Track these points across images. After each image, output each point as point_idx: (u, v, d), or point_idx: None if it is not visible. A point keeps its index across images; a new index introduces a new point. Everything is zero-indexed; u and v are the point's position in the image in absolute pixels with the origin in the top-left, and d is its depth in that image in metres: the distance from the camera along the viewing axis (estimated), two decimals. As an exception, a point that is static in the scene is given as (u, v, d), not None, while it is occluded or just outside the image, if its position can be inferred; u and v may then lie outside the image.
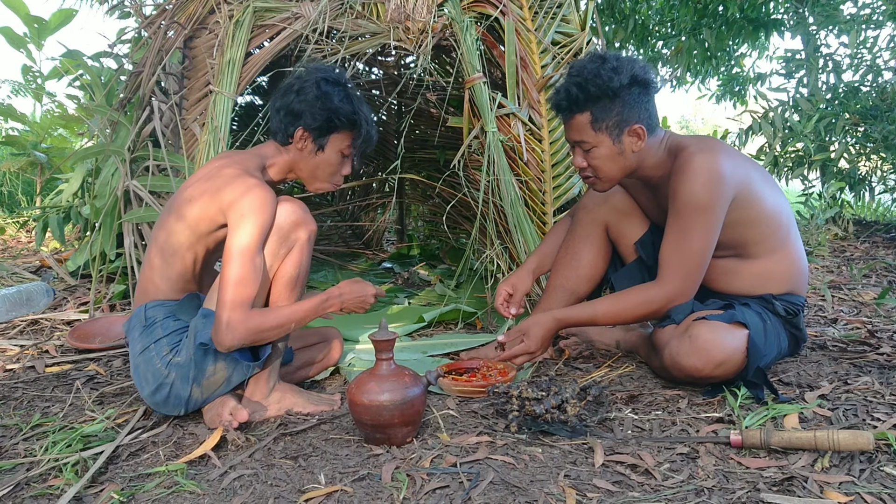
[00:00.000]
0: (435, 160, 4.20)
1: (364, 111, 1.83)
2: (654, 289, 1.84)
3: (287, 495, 1.31)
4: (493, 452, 1.47)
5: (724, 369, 1.72)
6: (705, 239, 1.77)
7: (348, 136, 1.83)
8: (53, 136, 5.21)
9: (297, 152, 1.81)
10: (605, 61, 1.79)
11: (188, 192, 1.69)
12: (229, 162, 1.71)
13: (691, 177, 1.74)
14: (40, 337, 2.55)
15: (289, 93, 1.78)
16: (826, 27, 6.00)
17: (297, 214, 1.67)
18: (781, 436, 1.42)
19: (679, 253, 1.79)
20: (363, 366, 2.11)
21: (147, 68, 2.79)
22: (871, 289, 3.11)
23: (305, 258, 1.70)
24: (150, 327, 1.67)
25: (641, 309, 1.85)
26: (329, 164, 1.84)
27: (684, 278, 1.80)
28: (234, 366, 1.64)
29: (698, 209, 1.74)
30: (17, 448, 1.57)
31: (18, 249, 4.30)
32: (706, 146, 1.78)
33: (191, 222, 1.67)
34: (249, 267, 1.57)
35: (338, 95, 1.77)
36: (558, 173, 2.75)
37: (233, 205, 1.60)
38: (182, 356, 1.63)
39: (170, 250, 1.69)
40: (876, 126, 4.65)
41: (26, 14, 5.16)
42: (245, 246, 1.57)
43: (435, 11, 2.71)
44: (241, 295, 1.55)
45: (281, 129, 1.80)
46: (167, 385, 1.63)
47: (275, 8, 2.71)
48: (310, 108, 1.75)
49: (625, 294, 1.89)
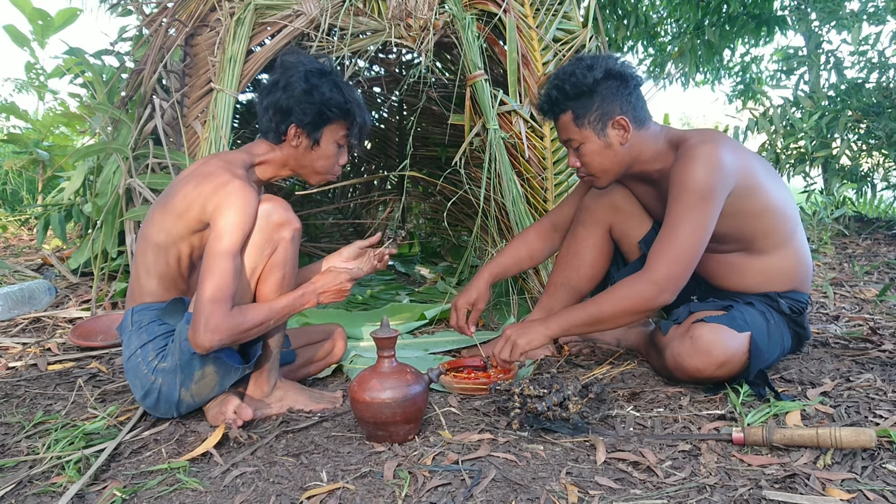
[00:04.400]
0: (436, 157, 4.20)
1: (355, 98, 1.78)
2: (640, 280, 1.73)
3: (289, 493, 1.31)
4: (495, 450, 1.47)
5: (726, 370, 1.72)
6: (699, 225, 1.71)
7: (342, 126, 1.79)
8: (55, 134, 5.22)
9: (291, 149, 1.77)
10: (581, 60, 1.84)
11: (172, 190, 1.67)
12: (214, 161, 1.67)
13: (690, 162, 1.72)
14: (42, 335, 2.56)
15: (275, 90, 1.72)
16: (828, 23, 5.98)
17: (279, 213, 1.63)
18: (783, 433, 1.42)
19: (668, 239, 1.72)
20: (365, 363, 2.12)
21: (148, 66, 2.79)
22: (872, 286, 3.11)
23: (291, 257, 1.67)
24: (136, 331, 1.65)
25: (628, 302, 1.74)
26: (326, 156, 1.80)
27: (671, 263, 1.70)
28: (224, 369, 1.61)
29: (695, 194, 1.70)
30: (20, 446, 1.57)
31: (20, 247, 4.30)
32: (708, 137, 1.78)
33: (173, 220, 1.64)
34: (228, 266, 1.53)
35: (326, 86, 1.72)
36: (560, 170, 2.74)
37: (214, 204, 1.58)
38: (168, 362, 1.60)
39: (155, 249, 1.66)
40: (878, 123, 4.64)
41: (31, 9, 5.16)
42: (224, 246, 1.54)
43: (436, 8, 2.71)
44: (219, 295, 1.51)
45: (272, 128, 1.75)
46: (155, 391, 1.61)
47: (276, 5, 2.71)
48: (299, 104, 1.70)
49: (610, 291, 1.79)
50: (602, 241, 2.12)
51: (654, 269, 1.72)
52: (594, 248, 2.12)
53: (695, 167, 1.71)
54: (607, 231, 2.12)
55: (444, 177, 3.11)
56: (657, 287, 1.71)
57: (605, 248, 2.13)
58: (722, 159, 1.72)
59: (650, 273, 1.72)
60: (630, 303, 1.74)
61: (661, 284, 1.70)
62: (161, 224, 1.65)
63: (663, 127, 1.90)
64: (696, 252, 1.72)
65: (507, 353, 1.82)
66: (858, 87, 5.06)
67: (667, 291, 1.71)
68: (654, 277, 1.71)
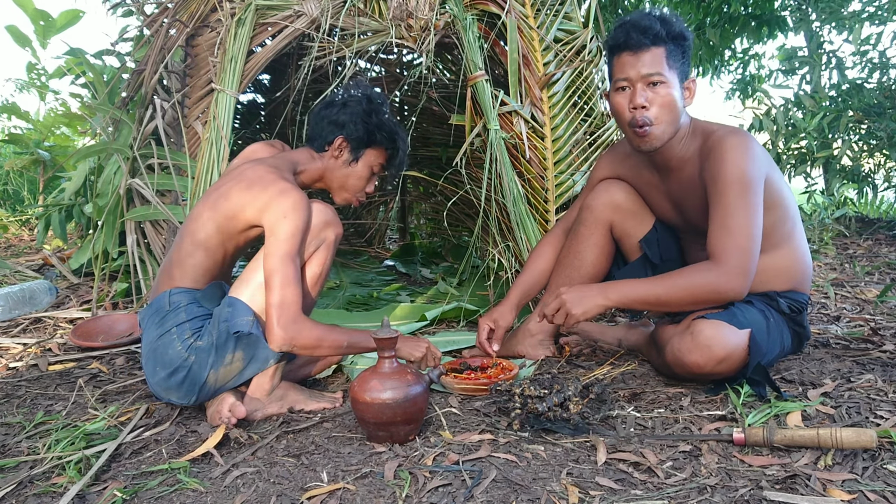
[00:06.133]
0: (437, 158, 4.20)
1: (402, 135, 1.96)
2: (713, 270, 1.68)
3: (289, 493, 1.31)
4: (496, 450, 1.47)
5: (725, 366, 1.71)
6: (753, 214, 1.67)
7: (382, 154, 1.95)
8: (56, 135, 5.23)
9: (331, 160, 1.92)
10: (667, 13, 1.79)
11: (221, 191, 1.74)
12: (263, 166, 1.76)
13: (727, 154, 1.70)
14: (43, 335, 2.56)
15: (334, 104, 1.91)
16: (829, 23, 5.98)
17: (327, 215, 1.73)
18: (784, 433, 1.42)
19: (728, 231, 1.67)
20: (366, 363, 2.11)
21: (149, 66, 2.79)
22: (873, 286, 3.11)
23: (329, 258, 1.76)
24: (173, 311, 1.69)
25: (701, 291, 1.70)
26: (359, 177, 1.94)
27: (740, 255, 1.66)
28: (251, 357, 1.66)
29: (742, 184, 1.68)
30: (21, 446, 1.57)
31: (21, 247, 4.31)
32: (735, 131, 1.77)
33: (222, 221, 1.72)
34: (291, 270, 1.62)
35: (382, 114, 1.92)
36: (560, 171, 2.74)
37: (270, 207, 1.65)
38: (204, 340, 1.65)
39: (202, 244, 1.73)
40: (879, 123, 4.64)
41: (33, 10, 5.17)
42: (287, 249, 1.63)
43: (437, 9, 2.71)
44: (289, 299, 1.60)
45: (321, 137, 1.91)
46: (185, 368, 1.64)
47: (277, 6, 2.71)
48: (353, 120, 1.88)
49: (678, 276, 1.73)
50: (603, 241, 2.12)
51: (724, 262, 1.68)
52: (595, 248, 2.12)
53: (734, 158, 1.69)
54: (608, 230, 2.12)
55: (445, 177, 3.11)
56: (730, 278, 1.67)
57: (607, 248, 2.13)
58: (755, 150, 1.72)
59: (722, 265, 1.68)
60: (703, 291, 1.70)
61: (734, 275, 1.67)
62: (210, 223, 1.73)
63: (689, 116, 1.89)
64: (757, 240, 1.69)
65: (561, 319, 1.79)
66: (859, 88, 5.06)
67: (740, 283, 1.68)
68: (727, 269, 1.67)
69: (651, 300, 1.76)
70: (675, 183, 1.90)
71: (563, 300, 1.78)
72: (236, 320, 1.62)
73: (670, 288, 1.73)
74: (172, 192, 2.73)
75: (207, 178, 2.63)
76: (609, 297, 1.77)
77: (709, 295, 1.71)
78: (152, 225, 2.77)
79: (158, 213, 2.68)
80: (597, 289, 1.79)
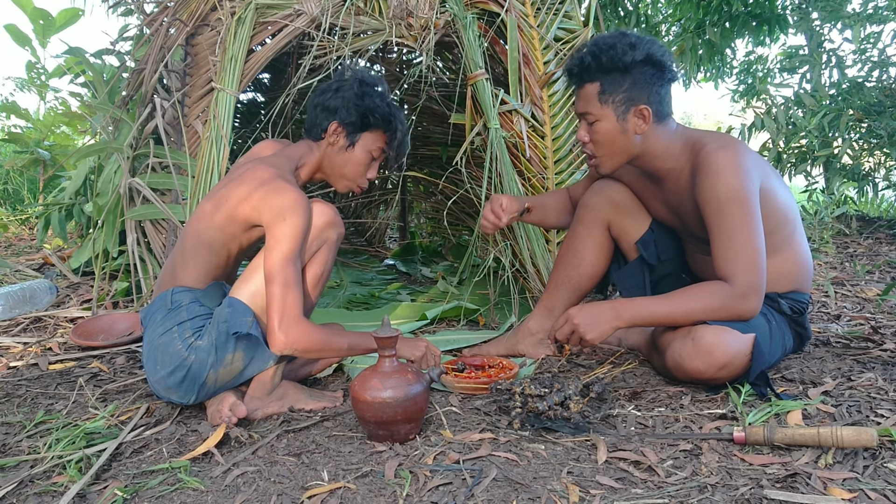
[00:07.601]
0: (437, 157, 4.20)
1: (399, 116, 1.89)
2: (728, 292, 1.68)
3: (290, 492, 1.31)
4: (496, 449, 1.47)
5: (727, 371, 1.71)
6: (753, 229, 1.67)
7: (381, 136, 1.89)
8: (56, 134, 5.23)
9: (328, 147, 1.87)
10: (625, 36, 1.76)
11: (223, 192, 1.73)
12: (264, 167, 1.74)
13: (723, 173, 1.68)
14: (43, 334, 2.56)
15: (327, 90, 1.86)
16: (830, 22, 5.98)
17: (328, 215, 1.72)
18: (785, 432, 1.42)
19: (734, 250, 1.67)
20: (366, 363, 2.11)
21: (149, 65, 2.79)
22: (874, 285, 3.11)
23: (331, 259, 1.75)
24: (175, 310, 1.69)
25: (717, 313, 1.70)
26: (357, 163, 1.89)
27: (751, 273, 1.66)
28: (251, 358, 1.66)
29: (739, 202, 1.67)
30: (21, 445, 1.57)
31: (21, 247, 4.31)
32: (725, 143, 1.74)
33: (224, 221, 1.71)
34: (292, 272, 1.61)
35: (376, 96, 1.85)
36: (561, 170, 2.74)
37: (269, 208, 1.64)
38: (204, 340, 1.64)
39: (205, 244, 1.73)
40: (879, 122, 4.64)
41: (32, 9, 5.16)
42: (287, 250, 1.61)
43: (437, 8, 2.71)
44: (290, 300, 1.59)
45: (316, 125, 1.86)
46: (184, 367, 1.64)
47: (277, 5, 2.71)
48: (346, 104, 1.83)
49: (692, 295, 1.73)
50: (602, 239, 2.12)
51: (737, 283, 1.67)
52: (594, 246, 2.12)
53: (725, 177, 1.68)
54: (606, 229, 2.11)
55: (446, 176, 3.11)
56: (746, 298, 1.67)
57: (605, 246, 2.13)
58: (746, 163, 1.70)
59: (736, 286, 1.67)
60: (720, 315, 1.70)
61: (749, 295, 1.67)
62: (212, 223, 1.72)
63: (681, 126, 1.86)
64: (763, 252, 1.69)
65: (576, 343, 1.76)
66: (860, 86, 5.05)
67: (756, 301, 1.68)
68: (742, 291, 1.67)
69: (669, 321, 1.77)
70: (670, 192, 1.90)
71: (575, 324, 1.75)
72: (236, 321, 1.61)
73: (687, 310, 1.72)
74: (173, 192, 2.73)
75: (207, 177, 2.63)
76: (622, 317, 1.74)
77: (726, 317, 1.70)
78: (152, 224, 2.77)
79: (159, 213, 2.68)
80: (609, 310, 1.75)
